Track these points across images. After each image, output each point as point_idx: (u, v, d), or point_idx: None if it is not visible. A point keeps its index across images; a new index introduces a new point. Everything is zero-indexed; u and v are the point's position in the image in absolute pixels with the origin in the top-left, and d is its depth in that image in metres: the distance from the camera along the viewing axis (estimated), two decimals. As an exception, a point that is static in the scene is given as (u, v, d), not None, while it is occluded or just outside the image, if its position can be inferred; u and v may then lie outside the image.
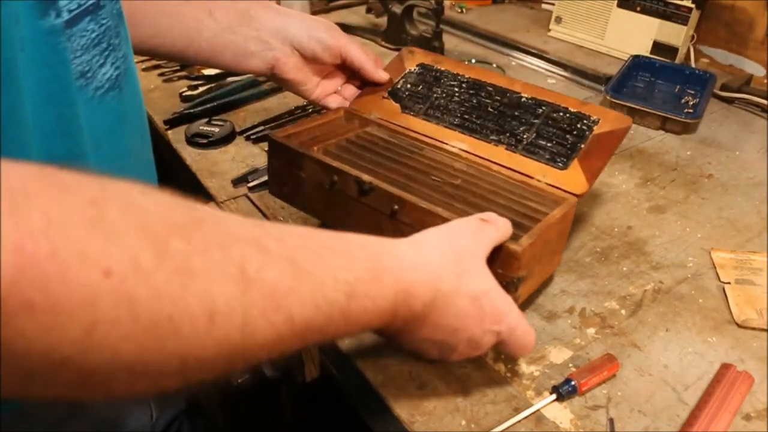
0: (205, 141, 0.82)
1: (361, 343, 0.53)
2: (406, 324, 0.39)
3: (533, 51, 1.17)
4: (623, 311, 0.58)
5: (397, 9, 1.14)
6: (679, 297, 0.60)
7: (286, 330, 0.31)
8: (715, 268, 0.64)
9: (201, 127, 0.84)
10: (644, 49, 1.15)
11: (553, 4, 1.30)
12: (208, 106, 0.90)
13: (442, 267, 0.40)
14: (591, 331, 0.56)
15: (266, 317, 0.30)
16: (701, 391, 0.50)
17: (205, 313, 0.27)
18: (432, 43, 1.11)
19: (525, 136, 0.63)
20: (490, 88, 0.68)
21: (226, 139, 0.83)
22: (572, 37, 1.25)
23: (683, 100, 1.00)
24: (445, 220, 0.49)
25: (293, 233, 0.34)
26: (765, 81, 1.09)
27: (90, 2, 0.41)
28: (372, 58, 0.70)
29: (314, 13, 1.31)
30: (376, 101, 0.69)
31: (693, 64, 1.15)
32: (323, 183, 0.56)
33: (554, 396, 0.49)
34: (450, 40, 1.21)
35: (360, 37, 1.23)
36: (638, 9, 1.14)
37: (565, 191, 0.58)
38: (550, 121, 0.64)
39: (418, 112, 0.67)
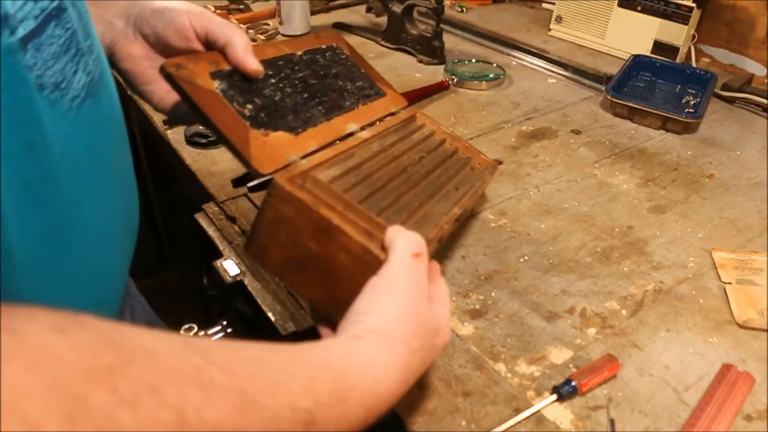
0: (204, 141, 0.82)
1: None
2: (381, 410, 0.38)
3: (534, 50, 1.17)
4: (624, 311, 0.58)
5: (397, 8, 1.14)
6: (680, 297, 0.60)
7: None
8: (716, 268, 0.64)
9: (201, 127, 0.84)
10: (645, 49, 1.15)
11: (553, 4, 1.30)
12: (208, 105, 0.90)
13: (409, 350, 0.38)
14: (591, 331, 0.56)
15: None
16: (702, 391, 0.50)
17: None
18: (432, 43, 1.11)
19: (348, 88, 0.60)
20: (281, 62, 0.56)
21: (226, 138, 0.83)
22: (573, 37, 1.25)
23: (684, 100, 1.00)
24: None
25: (245, 358, 0.30)
26: (766, 80, 1.09)
27: (51, 6, 0.37)
28: (244, 39, 0.51)
29: (314, 12, 1.30)
30: (257, 137, 0.48)
31: (694, 64, 1.15)
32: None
33: (555, 396, 0.49)
34: (450, 40, 1.21)
35: (360, 37, 1.23)
36: (639, 8, 1.14)
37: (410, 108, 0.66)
38: (333, 66, 0.61)
39: (292, 126, 0.51)
